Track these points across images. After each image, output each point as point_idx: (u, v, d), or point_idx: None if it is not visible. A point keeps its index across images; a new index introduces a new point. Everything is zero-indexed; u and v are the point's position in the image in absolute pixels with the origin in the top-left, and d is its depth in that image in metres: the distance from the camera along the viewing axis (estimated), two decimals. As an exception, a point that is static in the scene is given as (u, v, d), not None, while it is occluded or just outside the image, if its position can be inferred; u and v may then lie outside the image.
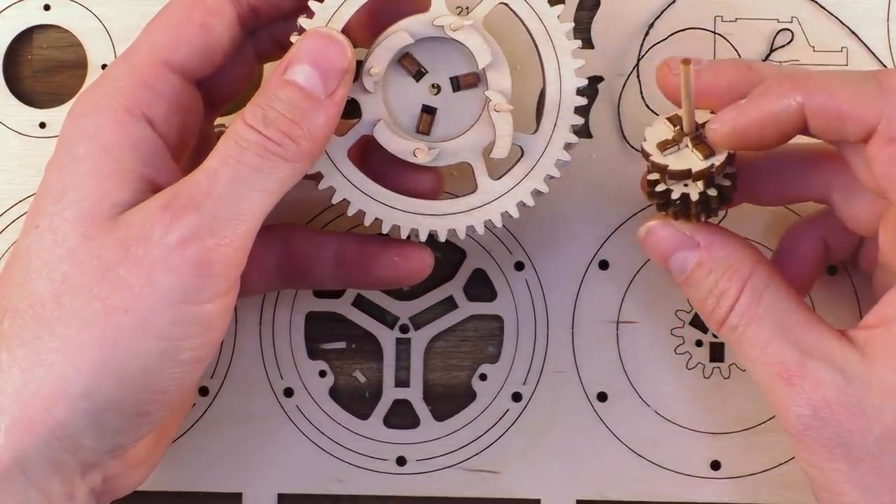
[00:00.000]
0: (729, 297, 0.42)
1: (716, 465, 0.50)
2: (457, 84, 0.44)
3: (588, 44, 0.51)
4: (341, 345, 0.51)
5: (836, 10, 0.50)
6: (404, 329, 0.51)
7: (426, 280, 0.50)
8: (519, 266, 0.51)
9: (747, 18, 0.50)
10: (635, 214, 0.51)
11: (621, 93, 0.51)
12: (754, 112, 0.41)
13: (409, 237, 0.45)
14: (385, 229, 0.45)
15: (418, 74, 0.44)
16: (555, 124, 0.44)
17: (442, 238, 0.45)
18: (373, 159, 0.44)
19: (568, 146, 0.45)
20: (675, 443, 0.50)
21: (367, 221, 0.44)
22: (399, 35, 0.43)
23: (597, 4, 0.51)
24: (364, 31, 0.44)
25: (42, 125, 0.51)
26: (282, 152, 0.40)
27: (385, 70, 0.43)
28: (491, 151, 0.44)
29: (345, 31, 0.43)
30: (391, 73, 0.43)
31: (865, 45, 0.50)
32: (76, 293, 0.39)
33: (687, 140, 0.42)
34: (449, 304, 0.51)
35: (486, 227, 0.45)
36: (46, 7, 0.51)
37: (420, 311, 0.51)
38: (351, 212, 0.44)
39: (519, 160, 0.45)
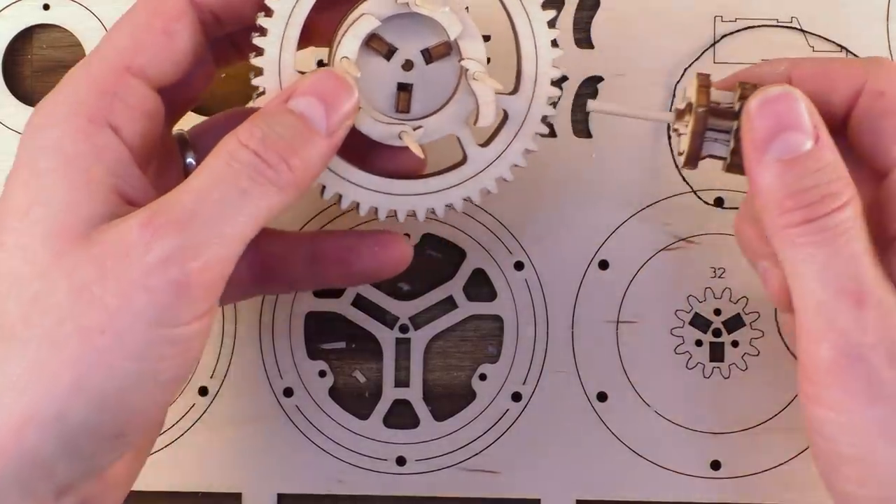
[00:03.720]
0: (836, 201, 0.38)
1: (716, 465, 0.50)
2: (428, 56, 0.43)
3: (588, 44, 0.51)
4: (341, 345, 0.51)
5: (835, 10, 0.50)
6: (404, 329, 0.51)
7: (426, 280, 0.51)
8: (519, 266, 0.51)
9: (747, 18, 0.51)
10: (635, 214, 0.51)
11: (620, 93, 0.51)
12: (740, 75, 0.42)
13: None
14: (381, 216, 0.44)
15: (388, 53, 0.43)
16: (535, 82, 0.43)
17: (440, 214, 0.44)
18: (354, 145, 0.43)
19: (551, 101, 0.44)
20: (675, 443, 0.51)
21: (363, 212, 0.44)
22: (365, 20, 0.42)
23: (597, 4, 0.51)
24: (321, 21, 0.43)
25: (42, 125, 0.51)
26: (274, 178, 0.39)
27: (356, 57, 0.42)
28: (475, 120, 0.43)
29: (305, 24, 0.42)
30: (360, 57, 0.42)
31: (865, 45, 0.50)
32: (47, 313, 0.37)
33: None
34: (449, 304, 0.51)
35: (481, 195, 0.44)
36: (46, 7, 0.51)
37: (420, 311, 0.51)
38: (344, 205, 0.44)
39: (504, 123, 0.44)
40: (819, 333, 0.38)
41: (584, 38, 0.51)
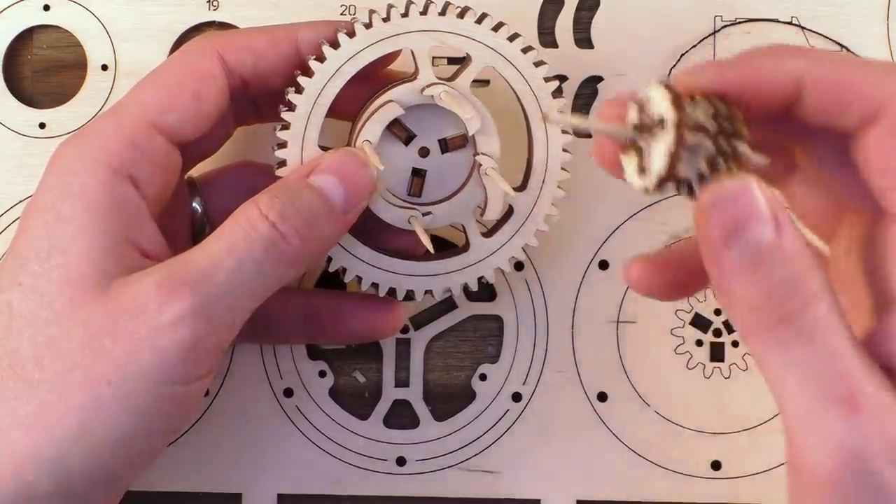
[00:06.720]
0: (810, 295, 0.33)
1: (716, 465, 0.50)
2: (445, 146, 0.45)
3: (588, 44, 0.51)
4: (341, 345, 0.51)
5: (835, 9, 0.50)
6: (404, 329, 0.51)
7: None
8: (519, 266, 0.51)
9: (747, 18, 0.51)
10: (635, 214, 0.51)
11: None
12: (737, 70, 0.35)
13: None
14: (382, 293, 0.45)
15: (407, 139, 0.45)
16: (543, 181, 0.45)
17: (438, 297, 0.46)
18: (364, 222, 0.44)
19: (556, 201, 0.45)
20: (675, 443, 0.51)
21: (364, 287, 0.45)
22: (391, 107, 0.43)
23: (597, 4, 0.51)
24: (347, 98, 0.44)
25: (42, 125, 0.51)
26: (288, 251, 0.40)
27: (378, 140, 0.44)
28: (482, 212, 0.45)
29: (334, 101, 0.43)
30: (380, 140, 0.44)
31: (865, 45, 0.50)
32: (59, 358, 0.39)
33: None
34: (449, 304, 0.51)
35: (479, 282, 0.46)
36: (46, 7, 0.51)
37: (420, 311, 0.51)
38: (347, 278, 0.45)
39: (509, 218, 0.46)
40: (812, 444, 0.33)
41: (584, 38, 0.51)
